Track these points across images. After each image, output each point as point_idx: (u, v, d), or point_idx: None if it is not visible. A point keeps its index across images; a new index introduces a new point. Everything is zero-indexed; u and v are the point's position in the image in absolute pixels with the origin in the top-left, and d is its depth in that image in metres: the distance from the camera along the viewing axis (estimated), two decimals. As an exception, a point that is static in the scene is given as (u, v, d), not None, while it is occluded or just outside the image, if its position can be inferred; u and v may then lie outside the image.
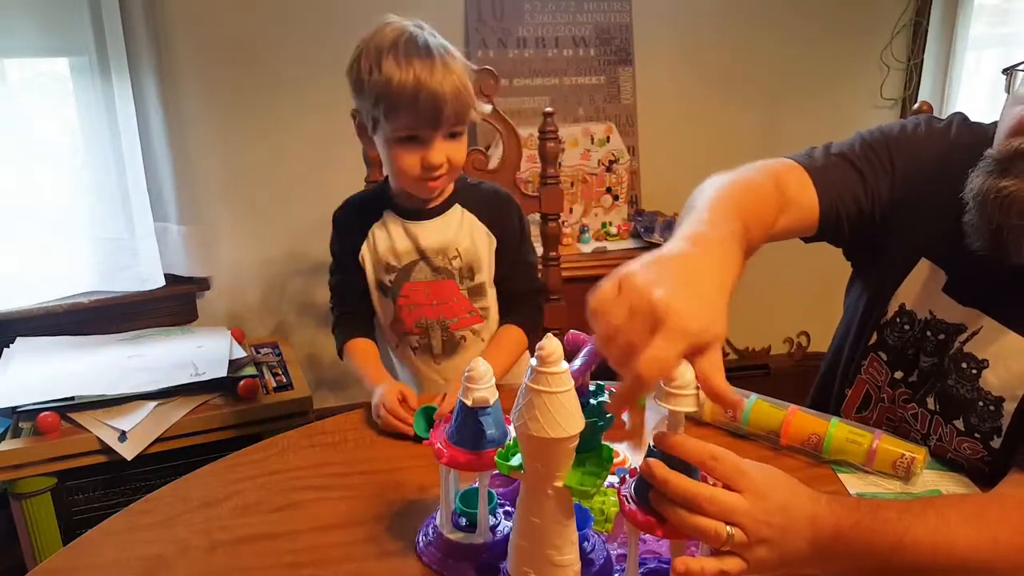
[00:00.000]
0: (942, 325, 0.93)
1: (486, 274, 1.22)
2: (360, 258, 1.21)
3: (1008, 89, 0.85)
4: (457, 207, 1.20)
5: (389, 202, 1.21)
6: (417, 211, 1.19)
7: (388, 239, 1.19)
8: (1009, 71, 0.84)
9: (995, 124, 0.86)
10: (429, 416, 1.01)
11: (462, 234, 1.19)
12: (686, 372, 0.60)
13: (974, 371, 0.89)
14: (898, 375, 0.99)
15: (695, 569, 0.61)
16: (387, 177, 1.21)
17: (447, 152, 1.09)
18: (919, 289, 0.96)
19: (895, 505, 0.70)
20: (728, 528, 0.61)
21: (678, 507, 0.62)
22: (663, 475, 0.62)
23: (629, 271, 0.62)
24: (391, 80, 1.03)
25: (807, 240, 0.99)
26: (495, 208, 1.22)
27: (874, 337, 1.02)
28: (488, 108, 1.18)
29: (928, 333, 0.94)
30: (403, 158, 1.09)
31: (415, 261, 1.20)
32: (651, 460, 0.63)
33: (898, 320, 0.98)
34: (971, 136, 0.92)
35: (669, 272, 0.62)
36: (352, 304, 1.25)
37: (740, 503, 0.62)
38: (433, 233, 1.19)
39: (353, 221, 1.22)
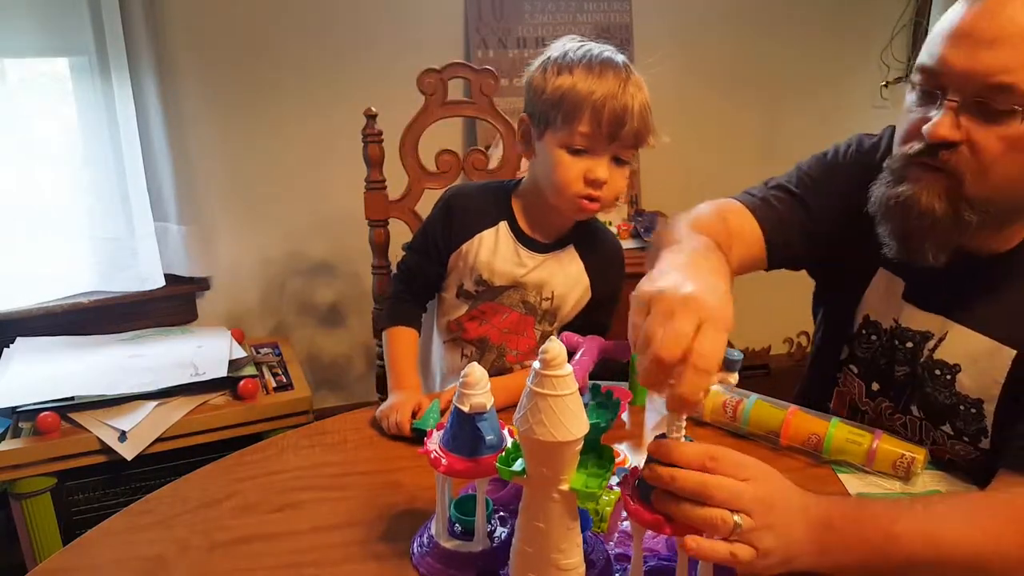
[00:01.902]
0: (908, 333, 0.94)
1: (564, 321, 1.17)
2: (454, 255, 1.14)
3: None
4: (572, 250, 1.14)
5: (510, 215, 1.14)
6: (535, 241, 1.13)
7: (493, 253, 1.12)
8: (897, 82, 0.86)
9: None
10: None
11: (565, 279, 1.14)
12: None
13: (948, 376, 0.90)
14: (875, 387, 1.00)
15: (705, 545, 0.62)
16: (513, 186, 1.16)
17: (610, 176, 1.03)
18: (880, 298, 0.97)
19: (884, 501, 0.72)
20: (735, 516, 0.62)
21: (683, 502, 0.62)
22: (670, 472, 0.63)
23: (637, 289, 0.65)
24: (581, 83, 0.98)
25: (767, 269, 1.01)
26: (606, 267, 1.16)
27: (845, 351, 1.03)
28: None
29: (896, 342, 0.95)
30: (567, 168, 1.02)
31: (510, 287, 1.14)
32: (655, 463, 0.64)
33: (864, 332, 1.00)
34: None
35: (673, 275, 0.65)
36: (416, 290, 1.19)
37: (747, 488, 0.64)
38: (540, 268, 1.13)
39: (467, 215, 1.14)
